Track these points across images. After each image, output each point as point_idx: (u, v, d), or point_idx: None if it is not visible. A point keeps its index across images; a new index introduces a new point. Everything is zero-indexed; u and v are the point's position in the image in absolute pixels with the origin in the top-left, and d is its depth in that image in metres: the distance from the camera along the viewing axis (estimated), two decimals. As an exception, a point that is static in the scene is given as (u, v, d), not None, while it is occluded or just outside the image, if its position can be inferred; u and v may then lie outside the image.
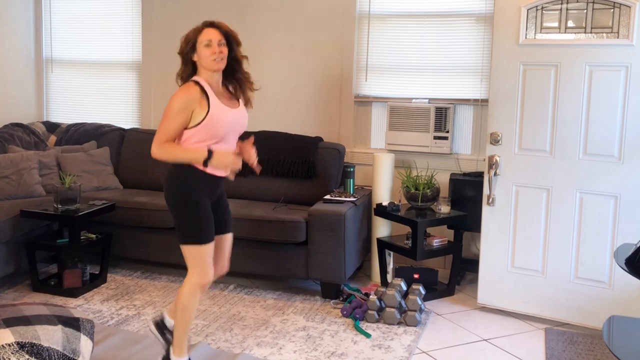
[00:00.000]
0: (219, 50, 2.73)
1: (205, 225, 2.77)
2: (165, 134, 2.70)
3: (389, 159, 4.44)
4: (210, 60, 2.72)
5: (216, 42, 2.73)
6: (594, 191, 3.59)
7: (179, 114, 2.69)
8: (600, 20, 3.52)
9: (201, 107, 2.70)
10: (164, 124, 2.71)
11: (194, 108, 2.69)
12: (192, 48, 2.75)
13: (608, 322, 2.80)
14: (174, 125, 2.70)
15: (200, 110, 2.70)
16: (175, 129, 2.70)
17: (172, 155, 2.72)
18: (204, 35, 2.73)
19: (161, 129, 2.71)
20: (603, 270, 3.60)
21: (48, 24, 5.77)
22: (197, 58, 2.76)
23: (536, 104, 3.69)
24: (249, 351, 3.33)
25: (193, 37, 2.75)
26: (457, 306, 4.06)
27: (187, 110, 2.69)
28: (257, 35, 5.07)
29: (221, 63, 2.76)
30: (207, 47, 2.72)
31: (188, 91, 2.70)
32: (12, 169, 4.52)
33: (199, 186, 2.76)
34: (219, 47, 2.73)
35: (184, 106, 2.68)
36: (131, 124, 5.52)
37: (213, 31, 2.75)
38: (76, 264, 4.12)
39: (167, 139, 2.70)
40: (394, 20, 4.74)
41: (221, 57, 2.75)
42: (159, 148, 2.71)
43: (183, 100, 2.69)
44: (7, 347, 2.39)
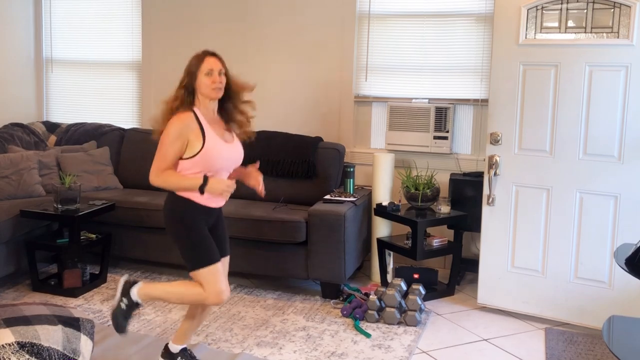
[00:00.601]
0: (219, 80, 2.76)
1: (209, 246, 2.79)
2: (163, 162, 2.72)
3: (389, 159, 4.44)
4: (210, 89, 2.74)
5: (217, 71, 2.76)
6: (594, 191, 3.59)
7: (175, 142, 2.71)
8: (600, 20, 3.52)
9: (196, 137, 2.72)
10: (161, 151, 2.73)
11: (190, 137, 2.71)
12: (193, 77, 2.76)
13: (608, 322, 2.80)
14: (171, 152, 2.72)
15: (195, 141, 2.71)
16: (172, 157, 2.73)
17: (169, 183, 2.75)
18: (206, 64, 2.75)
19: (158, 157, 2.73)
20: (603, 270, 3.60)
21: (48, 24, 5.77)
22: (196, 86, 2.77)
23: (536, 104, 3.69)
24: (249, 351, 3.33)
25: (195, 67, 2.76)
26: (457, 306, 4.06)
27: (182, 138, 2.70)
28: (257, 35, 5.08)
29: (220, 92, 2.79)
30: (207, 75, 2.74)
31: (183, 119, 2.72)
32: (12, 169, 4.52)
33: (194, 216, 2.79)
34: (219, 76, 2.76)
35: (179, 133, 2.70)
36: (131, 124, 5.52)
37: (214, 60, 2.78)
38: (76, 264, 4.12)
39: (166, 167, 2.73)
40: (394, 20, 4.74)
41: (220, 86, 2.78)
42: (157, 176, 2.74)
43: (179, 127, 2.70)
44: (7, 347, 2.39)
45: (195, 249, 2.77)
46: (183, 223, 2.78)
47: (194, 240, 2.77)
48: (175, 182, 2.75)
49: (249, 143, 3.02)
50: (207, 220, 2.85)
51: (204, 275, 2.76)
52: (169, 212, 2.82)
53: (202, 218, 2.81)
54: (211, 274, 2.76)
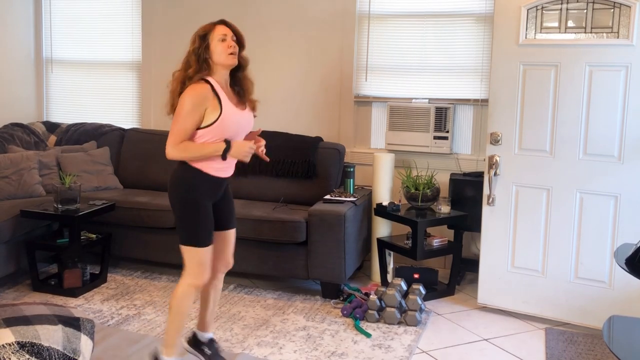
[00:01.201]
0: (233, 45, 2.72)
1: (204, 229, 2.77)
2: (180, 135, 2.66)
3: (389, 159, 4.44)
4: (226, 54, 2.70)
5: (230, 37, 2.73)
6: (594, 191, 3.59)
7: (191, 113, 2.64)
8: (600, 20, 3.52)
9: (213, 106, 2.67)
10: (177, 124, 2.66)
11: (207, 106, 2.66)
12: (206, 46, 2.71)
13: (608, 322, 2.80)
14: (188, 124, 2.65)
15: (212, 110, 2.67)
16: (189, 129, 2.66)
17: (189, 153, 2.68)
18: (218, 31, 2.71)
19: (174, 130, 2.66)
20: (603, 270, 3.60)
21: (48, 24, 5.77)
22: (210, 55, 2.71)
23: (536, 104, 3.69)
24: (249, 351, 3.33)
25: (206, 33, 2.71)
26: (457, 306, 4.06)
27: (200, 109, 2.65)
28: (258, 35, 5.07)
29: (235, 58, 2.75)
30: (222, 41, 2.70)
31: (199, 89, 2.66)
32: (12, 169, 4.52)
33: (203, 188, 2.76)
34: (233, 41, 2.73)
35: (196, 104, 2.64)
36: (131, 124, 5.52)
37: (225, 27, 2.75)
38: (76, 264, 4.12)
39: (183, 139, 2.66)
40: (394, 20, 4.75)
41: (235, 51, 2.73)
42: (175, 148, 2.66)
43: (195, 98, 2.64)
44: (7, 347, 2.39)
45: (192, 227, 2.75)
46: (188, 197, 2.74)
47: (193, 217, 2.74)
48: (196, 151, 2.68)
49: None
50: (215, 193, 2.83)
51: (191, 253, 2.76)
52: (177, 182, 2.76)
53: (209, 192, 2.78)
54: (198, 255, 2.76)
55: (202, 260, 2.77)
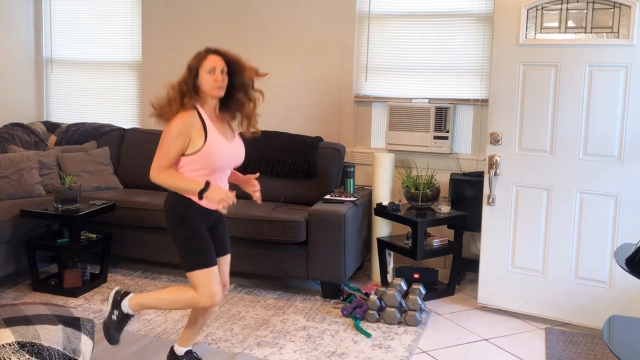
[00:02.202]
0: (221, 79, 2.73)
1: (206, 249, 2.78)
2: (165, 160, 2.70)
3: (389, 159, 4.44)
4: (211, 87, 2.72)
5: (219, 69, 2.73)
6: (594, 191, 3.59)
7: (176, 139, 2.69)
8: (600, 20, 3.52)
9: (199, 134, 2.70)
10: (163, 149, 2.71)
11: (192, 134, 2.69)
12: (195, 74, 2.73)
13: (608, 322, 2.80)
14: (173, 149, 2.70)
15: (197, 138, 2.70)
16: (173, 155, 2.71)
17: (170, 182, 2.73)
18: (208, 62, 2.73)
19: (160, 154, 2.71)
20: (603, 270, 3.60)
21: (48, 24, 5.77)
22: (199, 83, 2.74)
23: (536, 104, 3.69)
24: (249, 351, 3.33)
25: (197, 65, 2.74)
26: (458, 306, 4.06)
27: (184, 136, 2.69)
28: (257, 35, 5.08)
29: (222, 91, 2.76)
30: (210, 73, 2.72)
31: (186, 116, 2.70)
32: (12, 168, 4.52)
33: (195, 213, 2.77)
34: (221, 75, 2.73)
35: (181, 131, 2.68)
36: (131, 124, 5.52)
37: (217, 58, 2.75)
38: (76, 264, 4.12)
39: (167, 165, 2.71)
40: (394, 20, 4.75)
41: (222, 85, 2.75)
42: (158, 173, 2.72)
43: (181, 125, 2.68)
44: (7, 347, 2.39)
45: (193, 251, 2.77)
46: (183, 223, 2.78)
47: (192, 241, 2.77)
48: (175, 184, 2.73)
49: (249, 142, 3.01)
50: (209, 219, 2.85)
51: (199, 277, 2.76)
52: (170, 210, 2.81)
53: (201, 219, 2.81)
54: (206, 277, 2.75)
55: (212, 280, 2.77)
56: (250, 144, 3.08)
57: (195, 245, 2.76)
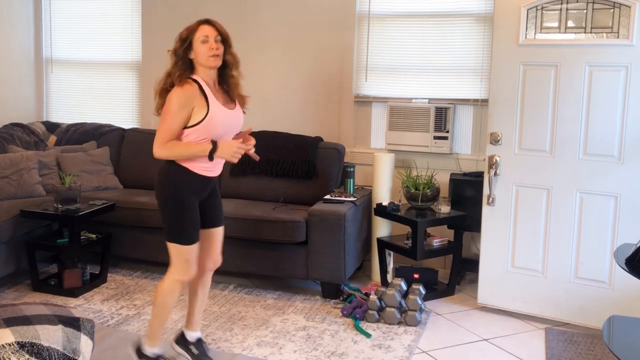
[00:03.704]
0: (216, 47, 2.70)
1: (189, 227, 2.77)
2: (167, 134, 2.67)
3: (389, 159, 4.44)
4: (207, 56, 2.69)
5: (213, 38, 2.71)
6: (594, 191, 3.59)
7: (179, 112, 2.66)
8: (600, 20, 3.52)
9: (200, 105, 2.67)
10: (165, 123, 2.67)
11: (194, 106, 2.67)
12: (188, 46, 2.71)
13: (608, 322, 2.80)
14: (176, 123, 2.66)
15: (199, 109, 2.68)
16: (176, 128, 2.67)
17: (176, 152, 2.69)
18: (201, 32, 2.70)
19: (162, 129, 2.67)
20: (603, 270, 3.60)
21: (48, 24, 5.77)
22: (194, 55, 2.72)
23: (536, 104, 3.69)
24: (249, 351, 3.33)
25: (189, 35, 2.72)
26: (457, 306, 4.06)
27: (187, 108, 2.66)
28: (257, 35, 5.07)
29: (218, 60, 2.73)
30: (204, 43, 2.69)
31: (186, 89, 2.66)
32: (12, 169, 4.52)
33: (190, 186, 2.75)
34: (216, 43, 2.71)
35: (183, 104, 2.65)
36: (131, 124, 5.52)
37: (209, 28, 2.73)
38: (76, 264, 4.12)
39: (170, 138, 2.67)
40: (394, 20, 4.74)
41: (218, 53, 2.72)
42: (162, 147, 2.67)
43: (182, 98, 2.65)
44: (7, 347, 2.39)
45: (176, 225, 2.75)
46: (174, 194, 2.74)
47: (178, 216, 2.74)
48: (182, 150, 2.68)
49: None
50: (203, 191, 2.83)
51: (178, 250, 2.77)
52: (164, 180, 2.77)
53: (196, 190, 2.77)
54: (183, 252, 2.77)
55: (188, 257, 2.78)
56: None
57: (180, 220, 2.74)
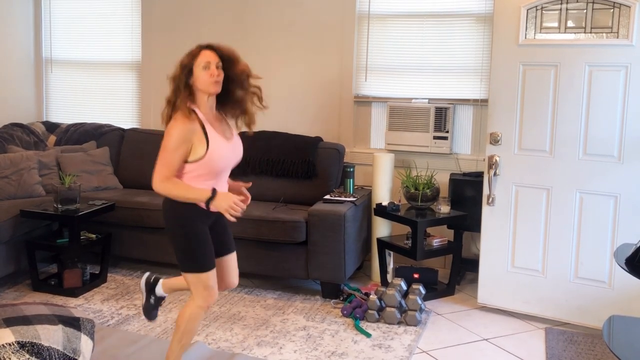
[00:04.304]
0: (217, 74, 2.67)
1: (204, 254, 2.74)
2: (167, 169, 2.63)
3: (389, 159, 4.44)
4: (208, 83, 2.65)
5: (214, 64, 2.67)
6: (594, 191, 3.59)
7: (179, 147, 2.62)
8: (600, 20, 3.52)
9: (200, 141, 2.64)
10: (165, 157, 2.63)
11: (194, 140, 2.63)
12: (189, 72, 2.68)
13: (608, 321, 2.80)
14: (176, 158, 2.63)
15: (199, 144, 2.64)
16: (177, 162, 2.64)
17: (174, 193, 2.66)
18: (202, 57, 2.67)
19: (162, 163, 2.63)
20: (603, 270, 3.60)
21: (48, 24, 5.77)
22: (193, 81, 2.68)
23: (536, 104, 3.69)
24: (249, 351, 3.33)
25: (190, 61, 2.68)
26: (457, 306, 4.06)
27: (186, 143, 2.62)
28: (257, 35, 5.08)
29: (219, 86, 2.69)
30: (205, 69, 2.65)
31: (187, 122, 2.62)
32: (12, 169, 4.52)
33: (195, 216, 2.73)
34: (217, 70, 2.67)
35: (184, 138, 2.61)
36: (131, 124, 5.52)
37: (211, 53, 2.69)
38: (76, 264, 4.12)
39: (170, 173, 2.64)
40: (394, 20, 4.75)
41: (219, 80, 2.68)
42: (162, 183, 2.64)
43: (183, 132, 2.61)
44: (7, 347, 2.39)
45: (190, 254, 2.72)
46: (182, 224, 2.72)
47: (190, 245, 2.72)
48: (180, 193, 2.66)
49: (249, 142, 3.00)
50: (208, 220, 2.82)
51: (196, 279, 2.73)
52: (168, 211, 2.76)
53: (203, 219, 2.76)
54: (201, 280, 2.72)
55: (207, 283, 2.74)
56: (250, 144, 3.08)
57: (193, 249, 2.72)
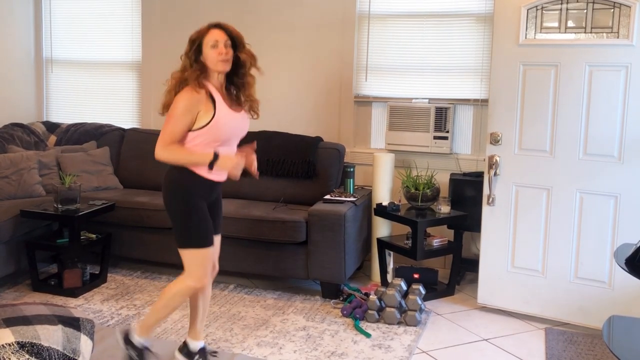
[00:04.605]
0: (225, 52, 2.70)
1: (204, 230, 2.75)
2: (170, 136, 2.65)
3: (389, 159, 4.44)
4: (216, 61, 2.69)
5: (222, 43, 2.70)
6: (594, 191, 3.59)
7: (184, 115, 2.65)
8: (600, 20, 3.52)
9: (207, 109, 2.67)
10: (169, 125, 2.66)
11: (200, 109, 2.66)
12: (198, 48, 2.71)
13: (608, 322, 2.80)
14: (180, 126, 2.65)
15: (205, 113, 2.67)
16: (180, 131, 2.66)
17: (177, 157, 2.68)
18: (210, 36, 2.70)
19: (166, 131, 2.66)
20: (603, 270, 3.60)
21: (48, 24, 5.77)
22: (203, 59, 2.72)
23: (536, 104, 3.69)
24: (249, 351, 3.33)
25: (198, 37, 2.71)
26: (457, 306, 4.06)
27: (192, 112, 2.65)
28: (257, 35, 5.07)
29: (227, 64, 2.73)
30: (213, 47, 2.69)
31: (194, 92, 2.65)
32: (12, 169, 4.53)
33: (197, 190, 2.74)
34: (225, 48, 2.71)
35: (189, 107, 2.64)
36: (131, 124, 5.52)
37: (219, 32, 2.72)
38: (76, 264, 4.12)
39: (172, 141, 2.66)
40: (394, 20, 4.74)
41: (227, 58, 2.71)
42: (164, 149, 2.66)
43: (189, 101, 2.64)
44: (7, 347, 2.39)
45: (190, 229, 2.73)
46: (184, 198, 2.72)
47: (191, 220, 2.72)
48: (183, 157, 2.68)
49: (249, 142, 3.01)
50: (209, 196, 2.82)
51: (192, 255, 2.74)
52: (172, 184, 2.75)
53: (204, 194, 2.76)
54: (198, 257, 2.74)
55: (202, 261, 2.76)
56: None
57: (194, 224, 2.72)
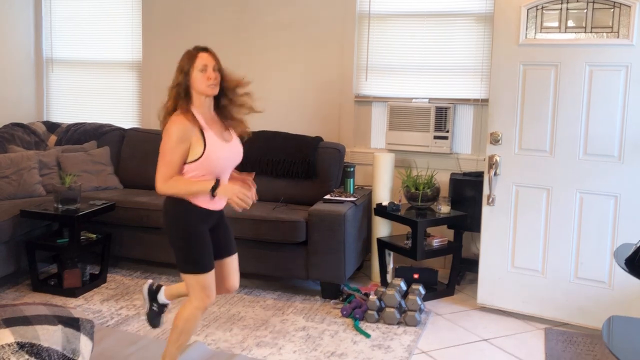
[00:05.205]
0: (214, 76, 2.69)
1: (202, 255, 2.74)
2: (168, 169, 2.63)
3: (389, 159, 4.44)
4: (205, 85, 2.67)
5: (211, 67, 2.69)
6: (594, 191, 3.59)
7: (179, 145, 2.63)
8: (600, 20, 3.52)
9: (197, 141, 2.65)
10: (165, 157, 2.64)
11: (191, 141, 2.64)
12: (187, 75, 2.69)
13: (608, 322, 2.80)
14: (176, 156, 2.64)
15: (196, 144, 2.65)
16: (177, 162, 2.64)
17: (178, 189, 2.67)
18: (200, 60, 2.69)
19: (163, 164, 2.64)
20: (603, 270, 3.60)
21: (48, 24, 5.77)
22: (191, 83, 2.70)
23: (536, 104, 3.69)
24: (248, 351, 3.33)
25: (188, 65, 2.69)
26: (457, 306, 4.06)
27: (185, 142, 2.63)
28: (257, 35, 5.07)
29: (215, 88, 2.71)
30: (202, 72, 2.67)
31: (183, 122, 2.63)
32: (13, 168, 4.53)
33: (196, 217, 2.73)
34: (214, 72, 2.70)
35: (181, 137, 2.62)
36: (131, 124, 5.52)
37: (207, 56, 2.71)
38: (76, 264, 4.12)
39: (172, 173, 2.64)
40: (394, 20, 4.74)
41: (216, 82, 2.71)
42: (165, 184, 2.64)
43: (181, 130, 2.62)
44: (6, 347, 2.39)
45: (189, 256, 2.73)
46: (182, 226, 2.73)
47: (189, 246, 2.72)
48: (185, 188, 2.67)
49: (249, 142, 3.00)
50: (208, 221, 2.81)
51: (194, 280, 2.74)
52: (169, 213, 2.76)
53: (202, 221, 2.76)
54: (199, 282, 2.73)
55: (205, 285, 2.75)
56: (250, 144, 3.07)
57: (192, 250, 2.72)
